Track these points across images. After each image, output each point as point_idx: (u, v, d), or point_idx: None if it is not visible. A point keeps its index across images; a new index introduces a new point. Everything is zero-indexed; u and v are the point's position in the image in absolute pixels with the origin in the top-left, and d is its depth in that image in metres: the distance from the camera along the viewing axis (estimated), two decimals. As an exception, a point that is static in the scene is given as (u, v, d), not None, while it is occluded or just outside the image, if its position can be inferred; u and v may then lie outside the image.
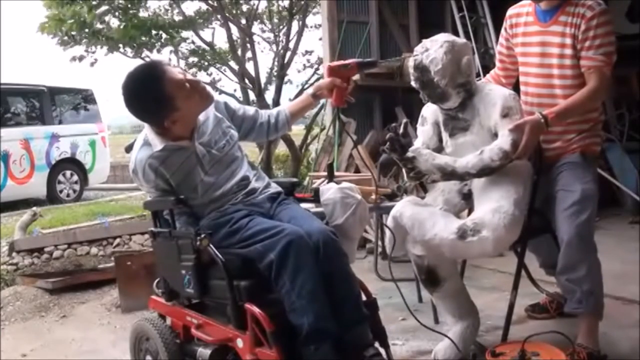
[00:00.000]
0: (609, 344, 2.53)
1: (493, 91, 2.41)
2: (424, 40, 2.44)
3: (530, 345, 2.07)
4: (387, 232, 2.48)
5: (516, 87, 2.64)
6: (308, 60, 10.14)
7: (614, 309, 2.82)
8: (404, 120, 2.43)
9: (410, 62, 2.42)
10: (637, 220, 4.82)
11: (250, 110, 2.45)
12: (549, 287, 2.79)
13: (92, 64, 9.31)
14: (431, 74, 2.34)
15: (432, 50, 2.35)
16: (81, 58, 9.23)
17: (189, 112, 2.15)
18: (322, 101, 2.58)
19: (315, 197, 2.35)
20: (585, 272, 2.34)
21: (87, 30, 8.42)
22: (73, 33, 8.43)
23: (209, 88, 2.25)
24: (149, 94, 2.10)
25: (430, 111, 2.58)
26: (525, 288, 2.64)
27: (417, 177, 2.37)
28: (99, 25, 8.51)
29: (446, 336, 2.47)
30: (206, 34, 9.76)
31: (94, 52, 9.16)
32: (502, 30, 2.68)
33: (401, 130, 2.34)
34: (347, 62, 2.31)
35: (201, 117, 2.22)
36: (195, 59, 9.92)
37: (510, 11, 2.64)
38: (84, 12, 8.15)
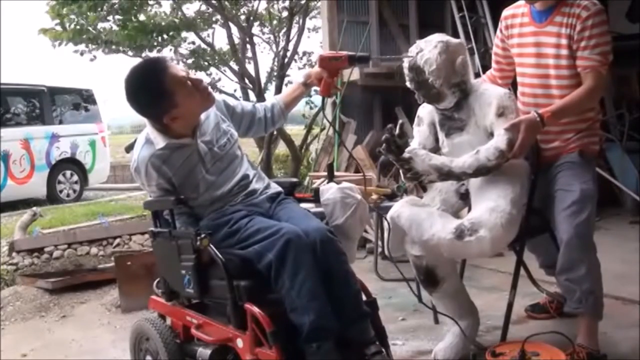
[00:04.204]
0: (609, 344, 2.53)
1: (488, 91, 2.41)
2: (418, 41, 2.44)
3: (530, 345, 2.08)
4: (385, 224, 2.47)
5: (514, 88, 2.64)
6: (309, 61, 10.14)
7: (614, 309, 2.83)
8: (400, 121, 2.44)
9: (405, 63, 2.43)
10: (637, 220, 4.82)
11: (248, 105, 2.46)
12: (549, 287, 2.79)
13: (91, 60, 9.30)
14: (426, 74, 2.34)
15: (426, 50, 2.35)
16: (82, 53, 9.24)
17: (189, 110, 2.15)
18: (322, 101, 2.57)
19: (315, 197, 2.35)
20: (585, 272, 2.34)
21: (84, 36, 8.43)
22: (76, 38, 8.45)
23: (210, 89, 2.25)
24: (149, 88, 2.10)
25: (426, 111, 2.59)
26: (525, 288, 2.64)
27: (414, 177, 2.37)
28: (98, 28, 8.50)
29: (453, 320, 2.45)
30: (206, 34, 9.76)
31: (95, 50, 9.17)
32: (498, 32, 2.69)
33: (397, 131, 2.34)
34: (338, 54, 2.32)
35: (202, 115, 2.22)
36: (196, 60, 9.91)
37: (506, 12, 2.64)
38: (83, 13, 8.15)
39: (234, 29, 8.88)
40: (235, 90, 9.51)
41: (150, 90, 2.10)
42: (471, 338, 2.52)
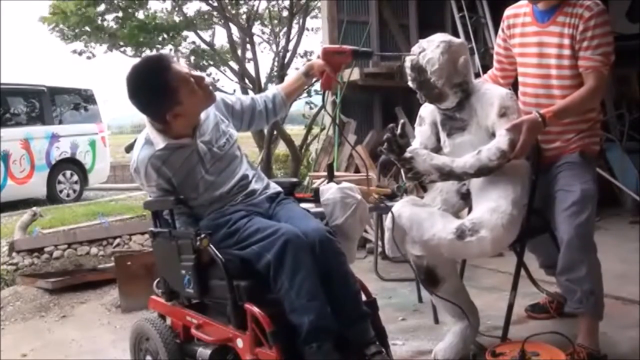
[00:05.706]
0: (609, 344, 2.53)
1: (490, 91, 2.41)
2: (420, 41, 2.44)
3: (530, 345, 2.08)
4: (387, 220, 2.45)
5: (515, 88, 2.64)
6: (309, 60, 10.15)
7: (614, 309, 2.82)
8: (401, 121, 2.43)
9: (407, 63, 2.43)
10: (637, 220, 4.82)
11: (247, 100, 2.43)
12: (549, 287, 2.79)
13: (88, 57, 9.29)
14: (428, 74, 2.34)
15: (429, 50, 2.35)
16: (81, 52, 9.24)
17: (192, 107, 2.14)
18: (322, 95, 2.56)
19: (315, 197, 2.35)
20: (585, 272, 2.34)
21: (90, 25, 8.42)
22: (76, 30, 8.44)
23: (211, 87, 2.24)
24: (153, 85, 2.09)
25: (427, 111, 2.59)
26: (525, 288, 2.64)
27: (415, 177, 2.37)
28: (100, 22, 8.51)
29: (461, 308, 2.44)
30: (206, 34, 9.78)
31: (93, 48, 9.17)
32: (500, 31, 2.69)
33: (398, 131, 2.34)
34: (342, 48, 2.32)
35: (202, 115, 2.22)
36: (196, 59, 9.92)
37: (508, 12, 2.64)
38: (86, 7, 8.17)
39: (234, 29, 8.90)
40: (234, 91, 9.52)
41: (154, 88, 2.09)
42: (471, 338, 2.52)
